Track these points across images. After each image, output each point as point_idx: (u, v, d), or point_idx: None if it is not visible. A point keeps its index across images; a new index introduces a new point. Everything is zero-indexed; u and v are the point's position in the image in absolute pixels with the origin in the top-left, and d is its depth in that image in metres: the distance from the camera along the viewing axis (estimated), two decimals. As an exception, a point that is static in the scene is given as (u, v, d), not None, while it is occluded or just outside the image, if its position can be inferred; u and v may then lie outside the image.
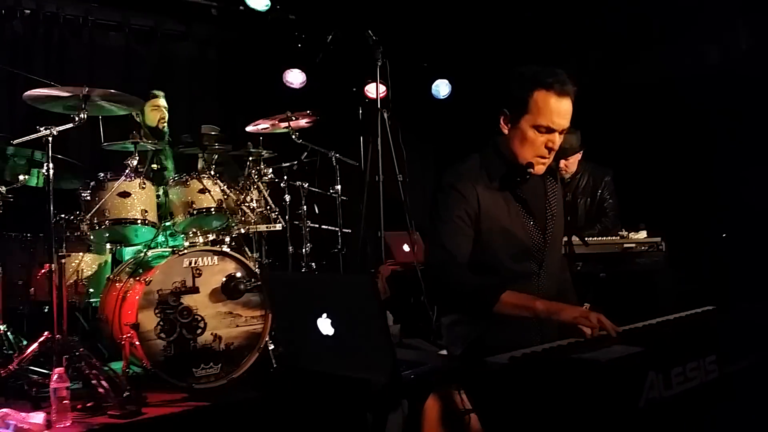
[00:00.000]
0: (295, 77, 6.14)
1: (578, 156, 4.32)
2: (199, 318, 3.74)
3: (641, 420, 1.49)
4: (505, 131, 2.28)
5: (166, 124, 4.82)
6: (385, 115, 4.62)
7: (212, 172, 4.17)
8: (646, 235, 3.96)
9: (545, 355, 1.77)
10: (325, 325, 1.82)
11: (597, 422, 1.46)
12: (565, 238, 2.52)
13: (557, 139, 2.24)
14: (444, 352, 2.42)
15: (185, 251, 3.81)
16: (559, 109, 2.19)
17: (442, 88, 6.88)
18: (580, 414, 1.47)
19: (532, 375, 1.62)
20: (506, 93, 2.26)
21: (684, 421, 1.62)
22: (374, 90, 4.78)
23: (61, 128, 3.57)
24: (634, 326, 2.08)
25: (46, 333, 3.47)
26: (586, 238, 3.40)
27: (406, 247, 5.16)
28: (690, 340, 1.88)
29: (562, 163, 4.20)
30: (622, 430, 1.47)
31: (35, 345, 3.44)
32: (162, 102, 4.83)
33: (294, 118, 4.64)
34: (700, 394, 1.63)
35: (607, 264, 3.89)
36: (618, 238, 3.96)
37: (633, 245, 3.94)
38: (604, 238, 4.00)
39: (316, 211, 5.24)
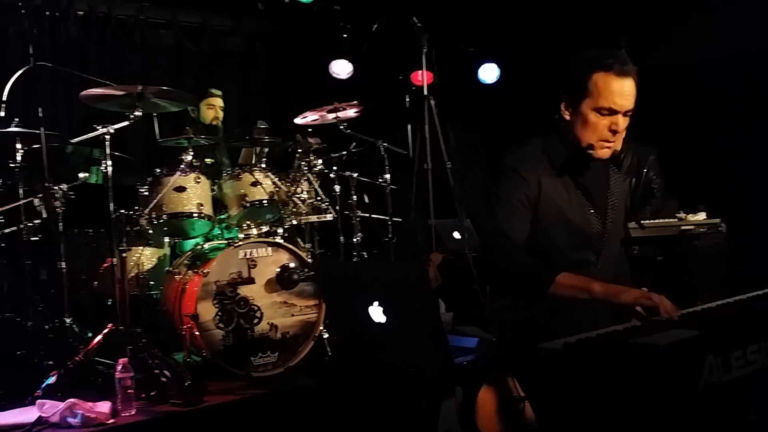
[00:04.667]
0: (341, 68, 6.15)
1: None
2: (256, 308, 3.81)
3: (700, 404, 1.46)
4: (567, 117, 2.24)
5: (219, 122, 4.93)
6: (432, 102, 4.60)
7: (263, 165, 4.23)
8: (705, 217, 3.84)
9: (600, 340, 1.74)
10: (377, 314, 1.83)
11: (654, 408, 1.44)
12: None
13: (621, 121, 2.18)
14: (493, 339, 2.41)
15: (240, 243, 3.87)
16: (621, 90, 2.14)
17: (489, 72, 6.80)
18: (636, 400, 1.45)
19: (587, 361, 1.60)
20: (565, 78, 2.23)
21: (744, 405, 1.59)
22: (421, 77, 4.75)
23: (117, 126, 3.66)
24: (693, 309, 2.04)
25: (110, 325, 3.56)
26: (642, 221, 3.32)
27: (456, 235, 5.13)
28: (751, 323, 1.83)
29: None
30: (680, 415, 1.44)
31: (100, 337, 3.54)
32: (219, 102, 4.98)
33: (342, 109, 4.66)
34: (761, 378, 1.58)
35: (664, 247, 3.79)
36: (675, 220, 3.85)
37: (691, 227, 3.82)
38: (661, 220, 3.90)
39: (366, 200, 5.25)
